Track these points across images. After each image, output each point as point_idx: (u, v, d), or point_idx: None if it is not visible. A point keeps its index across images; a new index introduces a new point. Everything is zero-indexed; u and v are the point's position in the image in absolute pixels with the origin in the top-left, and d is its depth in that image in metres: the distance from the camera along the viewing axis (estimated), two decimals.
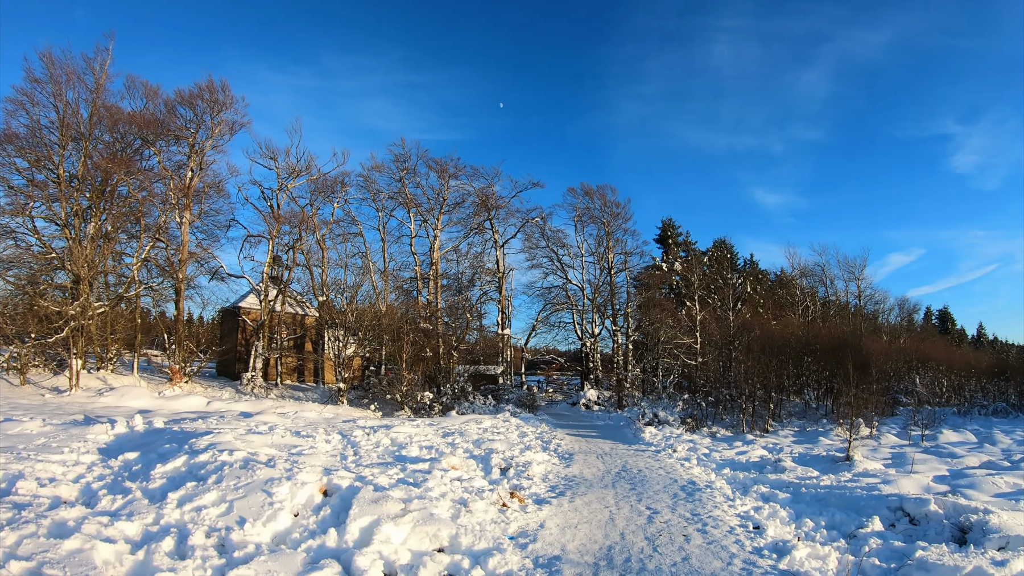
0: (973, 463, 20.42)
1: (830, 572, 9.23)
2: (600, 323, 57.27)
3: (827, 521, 12.56)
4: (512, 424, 27.71)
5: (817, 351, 38.94)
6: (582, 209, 57.29)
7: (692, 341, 50.56)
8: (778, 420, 32.00)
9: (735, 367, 33.20)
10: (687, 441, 25.28)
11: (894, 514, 12.75)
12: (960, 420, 33.96)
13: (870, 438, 26.00)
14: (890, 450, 23.49)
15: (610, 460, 20.61)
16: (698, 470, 18.76)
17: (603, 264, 56.96)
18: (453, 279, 57.39)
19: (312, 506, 10.30)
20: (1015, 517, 11.51)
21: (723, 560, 9.68)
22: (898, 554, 10.13)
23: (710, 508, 13.35)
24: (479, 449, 18.95)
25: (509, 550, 9.68)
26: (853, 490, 14.61)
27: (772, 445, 24.69)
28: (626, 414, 37.31)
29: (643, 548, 10.23)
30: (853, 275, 68.62)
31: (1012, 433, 28.21)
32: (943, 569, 8.90)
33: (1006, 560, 9.26)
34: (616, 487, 15.76)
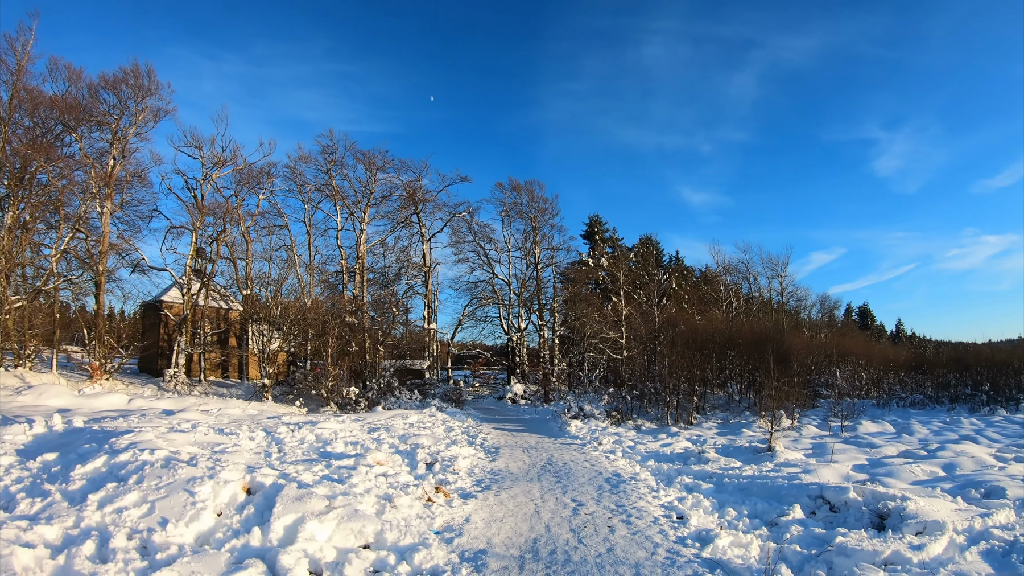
0: (891, 452, 21.16)
1: (752, 559, 9.40)
2: (526, 318, 57.52)
3: (749, 510, 12.82)
4: (438, 419, 27.58)
5: (740, 346, 39.82)
6: (509, 204, 57.50)
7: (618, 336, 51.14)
8: (702, 413, 32.59)
9: (660, 361, 33.64)
10: (612, 434, 25.54)
11: (815, 502, 13.09)
12: (879, 412, 35.14)
13: (791, 429, 26.67)
14: (811, 441, 24.12)
15: (536, 454, 20.66)
16: (623, 462, 18.96)
17: (530, 259, 57.21)
18: (379, 273, 56.90)
19: (235, 505, 10.06)
20: (932, 503, 11.94)
21: (647, 550, 9.77)
22: (819, 540, 10.40)
23: (634, 499, 13.48)
24: (405, 444, 18.79)
25: (435, 545, 9.60)
26: (775, 480, 14.94)
27: (696, 437, 25.12)
28: (552, 408, 37.58)
29: (568, 540, 10.26)
30: (776, 272, 70.54)
31: (929, 424, 29.33)
32: (862, 554, 9.17)
33: (923, 544, 9.62)
34: (542, 480, 15.78)
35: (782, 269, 70.39)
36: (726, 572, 8.85)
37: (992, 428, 27.46)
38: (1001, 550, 9.49)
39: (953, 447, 21.15)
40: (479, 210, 58.85)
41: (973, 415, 32.87)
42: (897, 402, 39.28)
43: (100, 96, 41.24)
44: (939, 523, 10.52)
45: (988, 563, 9.07)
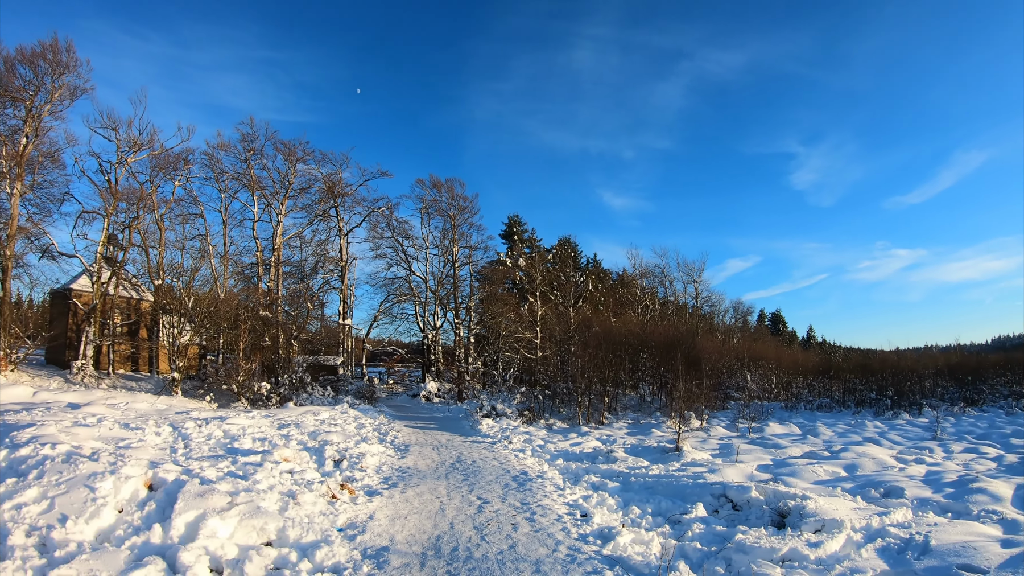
0: (796, 453, 21.74)
1: (652, 556, 9.42)
2: (442, 316, 57.14)
3: (653, 508, 12.92)
4: (350, 416, 27.15)
5: (653, 348, 40.44)
6: (429, 201, 56.93)
7: (533, 336, 51.40)
8: (613, 413, 32.93)
9: (573, 362, 33.88)
10: (523, 433, 25.59)
11: (718, 500, 13.29)
12: (787, 414, 36.16)
13: (700, 430, 27.16)
14: (719, 441, 24.61)
15: (446, 451, 20.52)
16: (532, 461, 18.95)
17: (447, 257, 56.81)
18: (296, 267, 55.59)
19: (137, 501, 9.63)
20: (831, 502, 12.23)
21: (548, 547, 9.74)
22: (719, 538, 10.52)
23: (540, 497, 13.45)
24: (314, 441, 18.42)
25: (337, 542, 9.41)
26: (680, 479, 15.14)
27: (606, 437, 25.37)
28: (465, 406, 37.43)
29: (471, 537, 10.17)
30: (692, 278, 71.93)
31: (834, 426, 30.31)
32: (760, 551, 9.29)
33: (821, 542, 9.81)
34: (449, 478, 15.67)
35: (698, 275, 71.92)
36: (625, 569, 8.84)
37: (895, 431, 28.50)
38: (897, 547, 9.74)
39: (856, 449, 21.83)
40: (399, 206, 57.94)
41: (877, 419, 34.11)
42: (805, 405, 40.51)
43: (16, 70, 38.96)
44: (837, 521, 10.75)
45: (884, 560, 9.29)
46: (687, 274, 72.24)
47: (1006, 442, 24.22)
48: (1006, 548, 8.91)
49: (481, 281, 59.41)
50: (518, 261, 61.78)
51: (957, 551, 8.99)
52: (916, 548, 9.51)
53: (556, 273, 60.07)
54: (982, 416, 34.65)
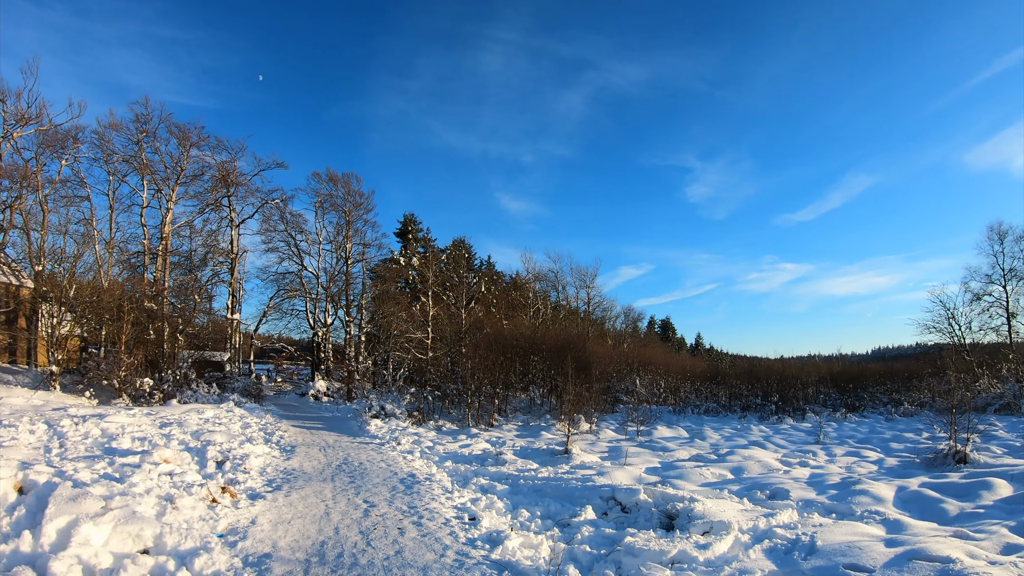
0: (684, 456, 22.09)
1: (541, 560, 9.27)
2: (334, 313, 56.11)
3: (543, 511, 12.81)
4: (236, 414, 26.31)
5: (544, 351, 40.66)
6: (325, 195, 55.68)
7: (424, 336, 51.06)
8: (503, 415, 32.89)
9: (463, 363, 33.73)
10: (412, 434, 25.26)
11: (607, 503, 13.29)
12: (675, 418, 36.85)
13: (590, 433, 27.36)
14: (608, 444, 24.83)
15: (333, 453, 20.00)
16: (420, 463, 18.64)
17: (341, 253, 55.73)
18: (184, 257, 53.41)
19: (6, 505, 8.86)
20: (719, 504, 12.35)
21: (436, 552, 9.48)
22: (608, 540, 10.47)
23: (428, 501, 13.16)
24: (197, 441, 17.66)
25: (217, 549, 8.92)
26: (569, 481, 15.09)
27: (496, 439, 25.29)
28: (354, 406, 36.76)
29: (357, 542, 9.83)
30: (584, 283, 72.80)
31: (720, 430, 31.04)
32: (649, 553, 9.25)
33: (709, 543, 9.86)
34: (335, 480, 15.23)
35: (590, 280, 72.82)
36: (514, 574, 8.67)
37: (780, 435, 29.36)
38: (784, 548, 9.87)
39: (742, 452, 22.36)
40: (293, 199, 56.47)
41: (762, 423, 35.13)
42: (692, 409, 41.39)
43: None
44: (725, 523, 10.85)
45: (771, 560, 9.38)
46: (580, 279, 73.19)
47: (886, 446, 25.19)
48: (890, 547, 9.11)
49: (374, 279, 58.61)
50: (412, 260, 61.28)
51: (843, 551, 9.14)
52: (803, 548, 9.64)
53: (449, 274, 59.92)
54: (863, 422, 36.10)
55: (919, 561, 8.39)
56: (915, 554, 8.65)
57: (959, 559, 8.37)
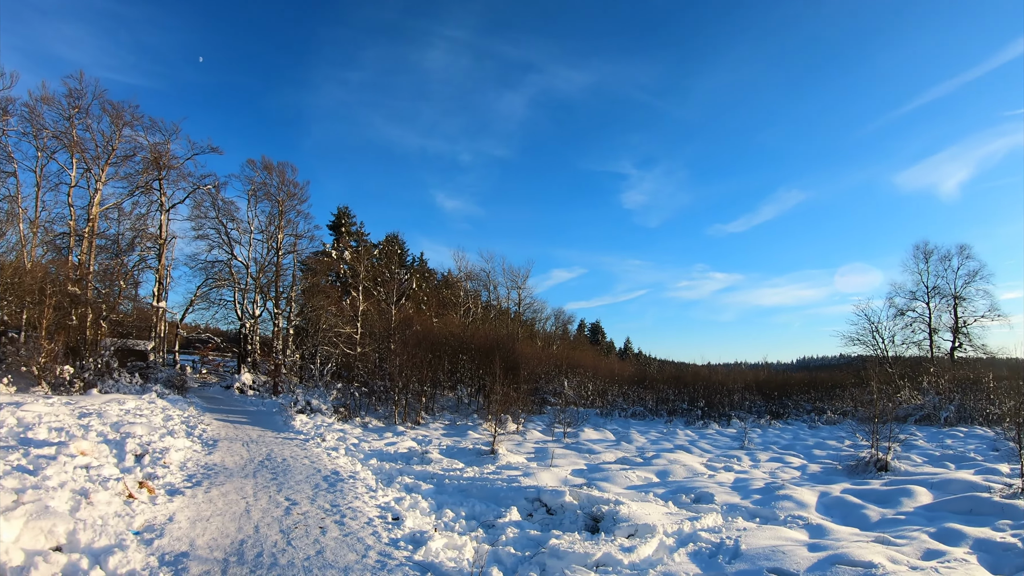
0: (610, 459, 22.24)
1: (465, 562, 9.17)
2: (262, 304, 55.02)
3: (467, 512, 12.70)
4: (158, 406, 25.62)
5: (473, 350, 40.59)
6: (259, 183, 54.44)
7: (353, 331, 50.52)
8: (430, 413, 32.73)
9: (392, 359, 33.44)
10: (338, 431, 24.92)
11: (532, 505, 13.25)
12: (602, 420, 37.13)
13: (516, 434, 27.39)
14: (534, 445, 24.88)
15: (256, 448, 19.59)
16: (344, 460, 18.38)
17: (272, 244, 54.64)
18: (111, 240, 51.62)
19: None
20: (644, 507, 12.39)
21: (358, 552, 9.31)
22: (533, 542, 10.41)
23: (351, 499, 12.94)
24: (116, 433, 17.08)
25: (133, 547, 8.59)
26: (495, 482, 15.04)
27: (422, 437, 25.11)
28: (280, 400, 36.13)
29: (277, 542, 9.61)
30: (516, 284, 72.84)
31: (647, 433, 31.39)
32: (574, 556, 9.21)
33: (634, 546, 9.86)
34: (257, 477, 14.90)
35: (522, 281, 72.86)
36: (437, 575, 8.51)
37: (705, 440, 29.84)
38: (709, 551, 9.95)
39: (668, 456, 22.65)
40: (226, 185, 55.10)
41: (688, 428, 35.69)
42: (620, 412, 41.78)
43: None
44: (650, 526, 10.89)
45: (696, 563, 9.43)
46: (512, 280, 73.22)
47: (809, 453, 25.80)
48: (813, 552, 9.24)
49: (304, 271, 57.70)
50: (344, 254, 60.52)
51: (767, 555, 9.24)
52: (727, 552, 9.71)
53: (381, 269, 59.39)
54: (787, 429, 36.96)
55: (842, 566, 8.51)
56: (838, 559, 8.78)
57: (881, 564, 8.53)
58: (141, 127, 49.50)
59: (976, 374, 44.91)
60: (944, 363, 54.14)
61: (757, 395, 48.65)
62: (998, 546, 10.49)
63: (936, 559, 9.51)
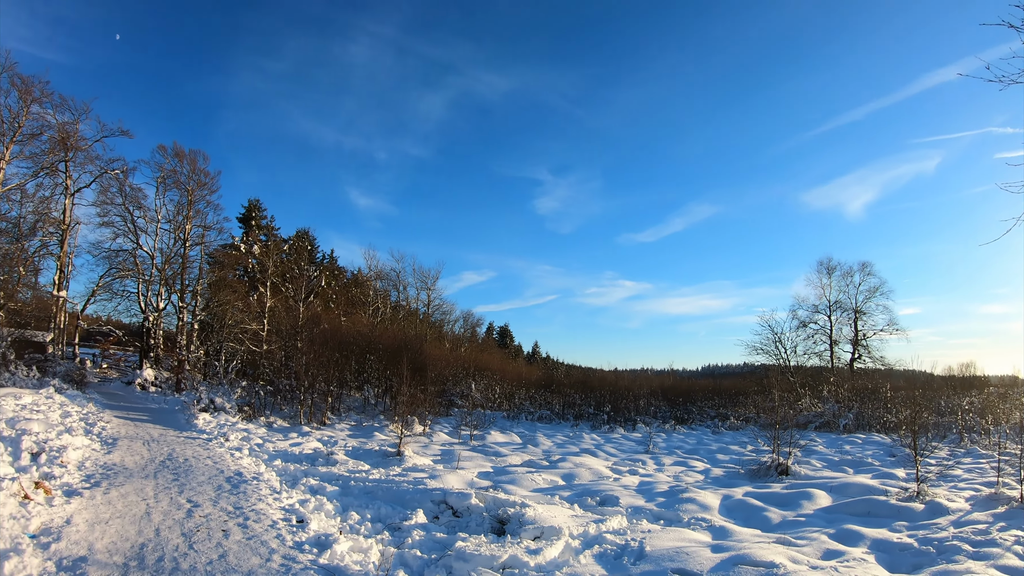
0: (516, 462, 22.39)
1: (371, 565, 9.09)
2: (167, 298, 53.33)
3: (373, 514, 12.58)
4: (56, 401, 24.48)
5: (381, 350, 40.29)
6: (168, 171, 52.50)
7: (260, 328, 49.50)
8: (337, 413, 32.33)
9: (298, 358, 32.96)
10: (242, 430, 24.39)
11: (438, 507, 13.24)
12: (509, 423, 37.27)
13: (423, 435, 27.28)
14: (441, 447, 24.83)
15: (157, 447, 19.01)
16: (248, 461, 18.00)
17: (179, 234, 52.88)
18: (11, 224, 49.06)
19: None
20: (549, 510, 12.50)
21: (262, 556, 9.12)
22: (440, 545, 10.39)
23: (254, 501, 12.67)
24: (11, 429, 16.29)
25: (29, 551, 8.23)
26: (401, 484, 14.95)
27: (328, 438, 24.80)
28: (183, 398, 35.16)
29: (179, 545, 9.35)
30: (426, 285, 72.63)
31: (553, 437, 31.68)
32: (480, 558, 9.23)
33: (540, 549, 9.94)
34: (159, 477, 14.46)
35: (432, 282, 72.69)
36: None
37: (611, 444, 30.27)
38: (614, 553, 10.10)
39: (574, 459, 22.88)
40: (135, 171, 52.57)
41: (594, 432, 36.14)
42: (526, 416, 42.04)
43: None
44: (556, 528, 10.99)
45: (601, 565, 9.56)
46: (422, 280, 72.98)
47: (712, 457, 26.46)
48: (716, 553, 9.48)
49: (212, 264, 56.14)
50: (253, 248, 59.24)
51: (671, 556, 9.43)
52: (632, 554, 9.88)
53: (290, 265, 58.34)
54: (691, 434, 37.84)
55: (744, 566, 8.75)
56: (740, 559, 9.02)
57: (782, 564, 8.80)
58: (50, 104, 47.09)
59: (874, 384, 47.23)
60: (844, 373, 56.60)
61: (662, 401, 49.74)
62: (895, 546, 11.01)
63: (835, 559, 9.88)
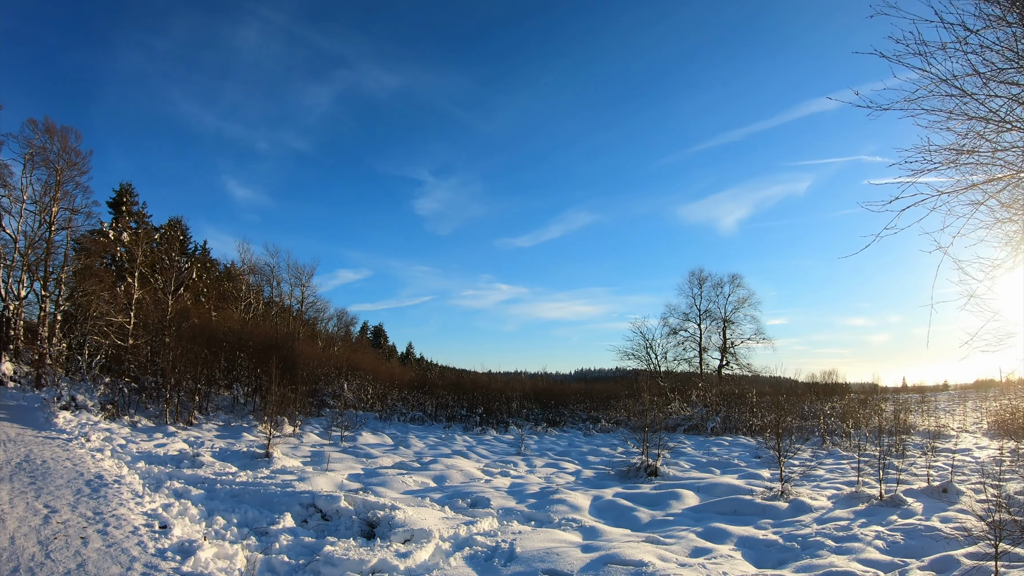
0: (387, 463, 22.27)
1: (236, 572, 8.91)
2: (29, 285, 50.25)
3: (239, 518, 12.27)
4: None
5: (251, 348, 39.31)
6: (38, 147, 49.21)
7: (126, 320, 47.40)
8: (204, 413, 31.35)
9: (165, 354, 31.83)
10: (104, 430, 23.29)
11: (307, 510, 13.02)
12: (381, 425, 36.94)
13: (293, 436, 26.77)
14: (310, 449, 24.41)
15: (13, 448, 17.89)
16: (110, 463, 17.19)
17: (45, 217, 49.76)
18: None
19: None
20: (420, 512, 12.49)
21: (122, 565, 8.76)
22: (308, 550, 10.23)
23: (115, 506, 12.13)
24: None
25: None
26: (268, 487, 14.62)
27: (194, 439, 24.02)
28: (43, 394, 33.25)
29: (35, 555, 8.87)
30: (300, 281, 71.20)
31: (425, 438, 31.62)
32: (349, 563, 9.14)
33: (410, 552, 9.93)
34: (14, 481, 13.63)
35: (307, 279, 71.27)
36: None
37: (483, 446, 30.44)
38: (484, 555, 10.19)
39: (446, 461, 22.92)
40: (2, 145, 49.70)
41: (467, 433, 36.27)
42: (399, 417, 41.74)
43: None
44: (426, 531, 11.00)
45: (472, 568, 9.62)
46: (296, 277, 71.47)
47: (583, 459, 26.96)
48: (586, 553, 9.68)
49: (78, 251, 53.24)
50: (122, 235, 56.56)
51: (542, 557, 9.57)
52: (503, 555, 9.97)
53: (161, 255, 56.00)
54: (563, 436, 38.44)
55: (614, 565, 8.98)
56: (610, 559, 9.24)
57: (651, 563, 9.07)
58: None
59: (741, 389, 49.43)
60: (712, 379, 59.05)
61: (535, 403, 50.33)
62: (761, 543, 11.53)
63: (703, 556, 10.25)
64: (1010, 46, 7.43)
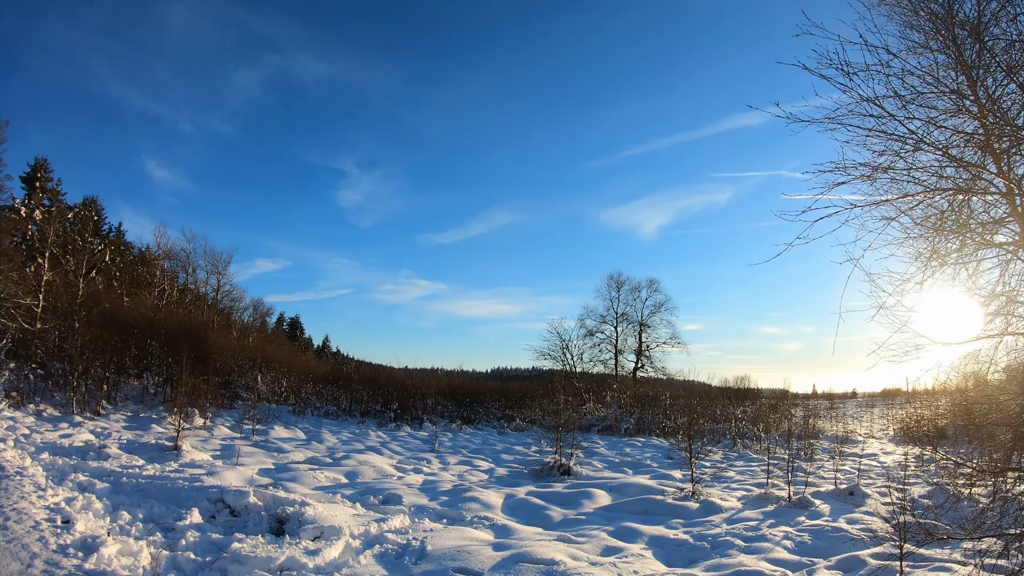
0: (299, 458, 21.98)
1: (141, 569, 8.73)
2: None
3: (145, 513, 11.96)
4: None
5: (164, 336, 38.35)
6: None
7: (34, 303, 45.69)
8: (113, 403, 30.43)
9: (74, 339, 30.83)
10: (8, 418, 22.35)
11: (215, 506, 12.81)
12: (294, 418, 36.42)
13: (203, 429, 26.28)
14: (221, 442, 23.98)
15: None
16: (12, 453, 16.51)
17: None
18: None
19: None
20: (331, 509, 12.42)
21: (22, 562, 8.49)
22: (215, 546, 10.08)
23: (16, 499, 11.69)
24: None
25: None
26: (176, 481, 14.31)
27: (101, 429, 23.34)
28: None
29: None
30: (217, 269, 69.46)
31: (339, 433, 31.32)
32: (257, 560, 9.06)
33: (319, 549, 9.88)
34: None
35: (223, 267, 69.48)
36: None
37: (397, 442, 30.32)
38: (395, 553, 10.19)
39: (358, 457, 22.79)
40: None
41: (381, 429, 36.07)
42: (312, 411, 41.21)
43: None
44: (336, 528, 10.94)
45: (382, 565, 9.62)
46: (213, 264, 69.62)
47: (497, 457, 27.08)
48: (498, 551, 9.78)
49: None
50: (34, 213, 54.25)
51: (453, 555, 9.63)
52: (414, 553, 10.00)
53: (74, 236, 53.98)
54: (477, 433, 38.54)
55: (525, 564, 9.10)
56: (521, 557, 9.35)
57: (562, 561, 9.21)
58: None
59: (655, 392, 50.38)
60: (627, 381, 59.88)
61: (450, 400, 50.27)
62: (671, 542, 11.81)
63: (615, 555, 10.44)
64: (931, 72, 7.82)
